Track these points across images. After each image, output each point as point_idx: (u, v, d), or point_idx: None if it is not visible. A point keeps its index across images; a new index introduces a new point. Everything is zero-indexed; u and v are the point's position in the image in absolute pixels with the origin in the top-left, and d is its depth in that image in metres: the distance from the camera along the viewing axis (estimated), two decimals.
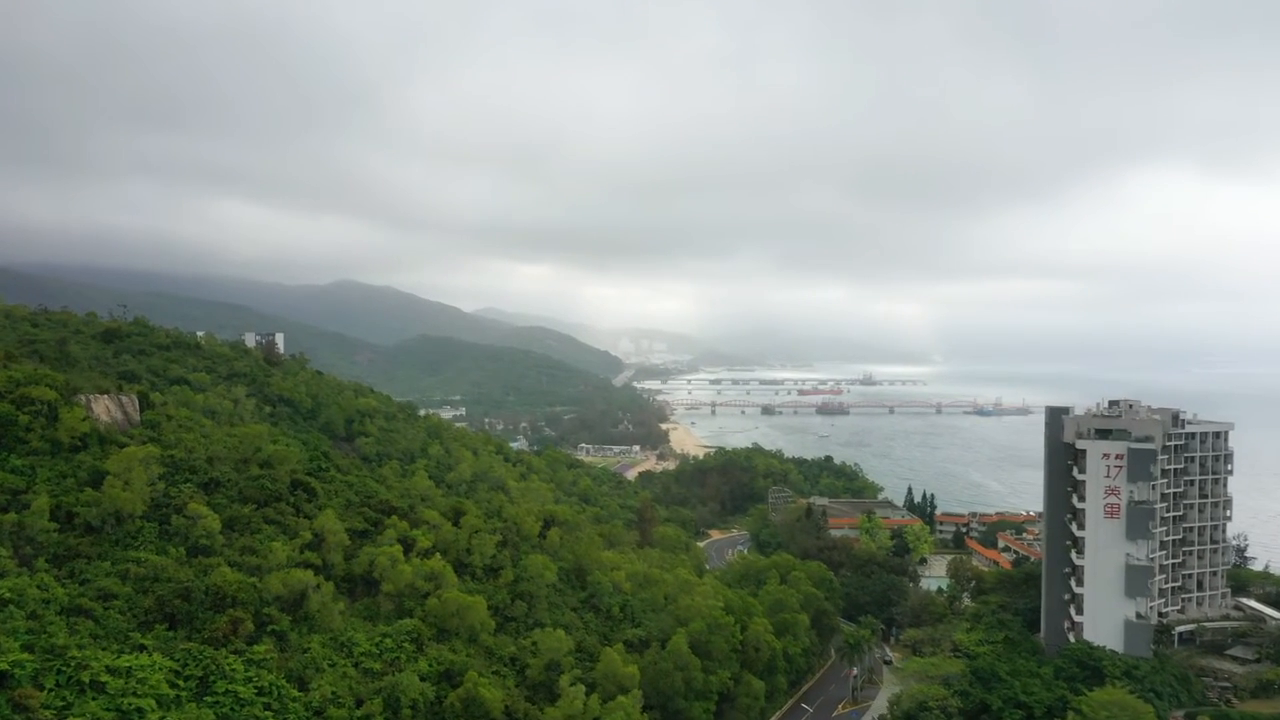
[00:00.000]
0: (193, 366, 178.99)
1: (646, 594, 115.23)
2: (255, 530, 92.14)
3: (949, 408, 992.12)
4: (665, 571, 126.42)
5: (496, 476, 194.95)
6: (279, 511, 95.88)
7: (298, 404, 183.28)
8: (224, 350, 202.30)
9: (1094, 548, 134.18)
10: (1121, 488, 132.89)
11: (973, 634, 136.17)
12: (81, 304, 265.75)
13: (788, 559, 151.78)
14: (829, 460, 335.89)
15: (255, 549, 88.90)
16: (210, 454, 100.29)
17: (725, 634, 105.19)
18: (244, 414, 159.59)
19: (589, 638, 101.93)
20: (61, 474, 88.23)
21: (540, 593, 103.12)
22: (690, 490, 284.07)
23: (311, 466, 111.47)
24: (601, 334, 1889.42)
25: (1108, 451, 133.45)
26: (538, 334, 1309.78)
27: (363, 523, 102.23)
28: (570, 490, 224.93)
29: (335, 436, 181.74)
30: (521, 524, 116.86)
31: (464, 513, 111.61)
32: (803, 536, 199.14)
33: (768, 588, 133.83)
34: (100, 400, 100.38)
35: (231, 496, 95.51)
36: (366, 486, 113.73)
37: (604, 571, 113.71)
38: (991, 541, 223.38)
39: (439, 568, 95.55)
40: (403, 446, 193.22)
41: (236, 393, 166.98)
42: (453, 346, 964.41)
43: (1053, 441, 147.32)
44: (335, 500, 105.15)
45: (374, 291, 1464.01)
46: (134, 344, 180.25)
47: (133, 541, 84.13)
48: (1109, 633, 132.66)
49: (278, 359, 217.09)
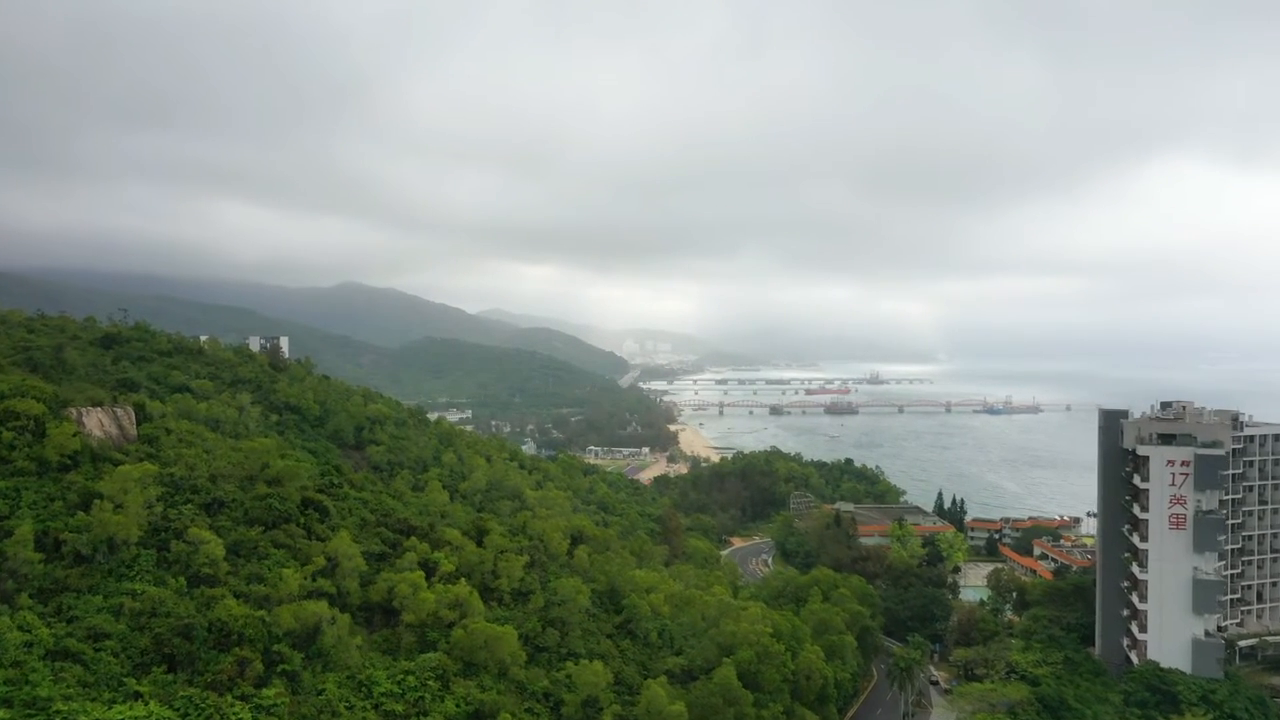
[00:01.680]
0: (195, 373, 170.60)
1: (685, 617, 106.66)
2: (263, 556, 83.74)
3: (958, 406, 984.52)
4: (702, 590, 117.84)
5: (512, 485, 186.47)
6: (289, 534, 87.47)
7: (305, 411, 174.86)
8: (228, 355, 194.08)
9: (1158, 561, 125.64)
10: (1188, 497, 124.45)
11: (1028, 654, 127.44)
12: (81, 308, 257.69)
13: (829, 574, 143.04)
14: (849, 463, 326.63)
15: (263, 577, 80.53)
16: (213, 471, 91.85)
17: (776, 663, 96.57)
18: (249, 423, 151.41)
19: (627, 668, 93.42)
20: (49, 497, 79.83)
21: (574, 619, 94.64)
22: (709, 496, 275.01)
23: (323, 483, 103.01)
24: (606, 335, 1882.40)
25: (1173, 458, 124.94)
26: (543, 335, 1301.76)
27: (380, 544, 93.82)
28: (588, 498, 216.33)
29: (344, 445, 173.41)
30: (549, 541, 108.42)
31: (488, 531, 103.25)
32: (833, 546, 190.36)
33: (811, 606, 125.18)
34: (93, 413, 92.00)
35: (237, 518, 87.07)
36: (382, 503, 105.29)
37: (639, 593, 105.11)
38: (1026, 548, 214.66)
39: (464, 594, 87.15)
40: (414, 455, 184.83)
41: (241, 400, 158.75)
42: (458, 348, 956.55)
43: (1108, 447, 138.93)
44: (349, 520, 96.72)
45: (378, 294, 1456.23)
46: (134, 350, 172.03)
47: (127, 571, 75.72)
48: (1175, 652, 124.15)
49: (283, 364, 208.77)
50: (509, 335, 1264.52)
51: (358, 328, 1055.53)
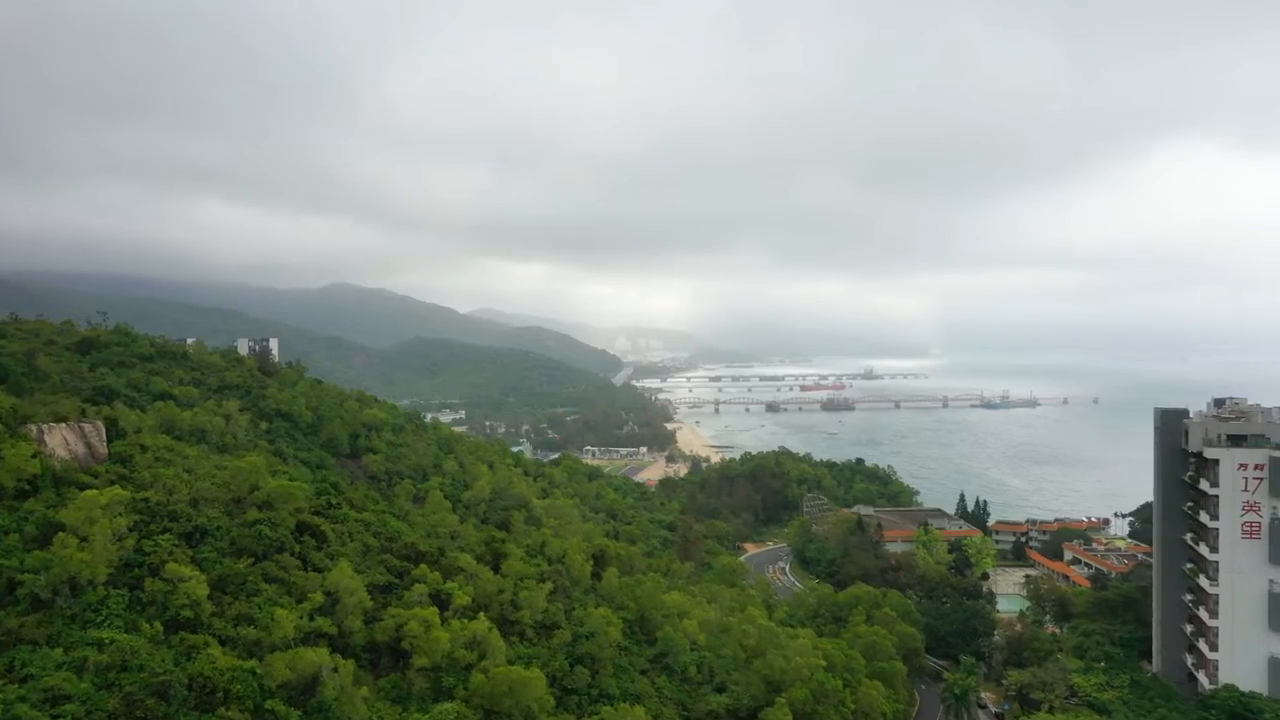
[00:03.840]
0: (179, 379, 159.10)
1: (724, 647, 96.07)
2: (253, 593, 72.68)
3: (955, 401, 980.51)
4: (738, 613, 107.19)
5: (517, 494, 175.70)
6: (282, 566, 76.48)
7: (297, 418, 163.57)
8: (214, 359, 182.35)
9: (1230, 573, 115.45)
10: (1263, 503, 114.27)
11: (1091, 676, 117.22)
12: (61, 311, 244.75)
13: (869, 590, 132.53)
14: (860, 463, 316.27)
15: (253, 618, 69.50)
16: (195, 494, 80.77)
17: (834, 701, 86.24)
18: (237, 432, 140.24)
19: (666, 709, 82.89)
20: (2, 529, 68.86)
21: (605, 654, 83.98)
22: (718, 500, 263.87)
23: (319, 503, 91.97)
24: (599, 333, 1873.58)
25: (1244, 461, 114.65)
26: (535, 334, 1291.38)
27: (385, 574, 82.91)
28: (596, 506, 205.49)
29: (340, 454, 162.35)
30: (571, 564, 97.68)
31: (505, 555, 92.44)
32: (859, 554, 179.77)
33: (855, 628, 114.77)
34: (56, 430, 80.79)
35: (222, 549, 76.01)
36: (386, 525, 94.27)
37: (673, 621, 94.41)
38: (1056, 552, 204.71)
39: (483, 631, 76.43)
40: (413, 463, 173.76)
41: (229, 408, 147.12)
42: (450, 348, 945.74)
43: (1167, 449, 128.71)
44: (350, 546, 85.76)
45: (368, 294, 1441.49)
46: (113, 355, 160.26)
47: (93, 617, 64.65)
48: (1249, 672, 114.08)
49: (273, 367, 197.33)
50: (501, 335, 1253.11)
51: (348, 329, 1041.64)
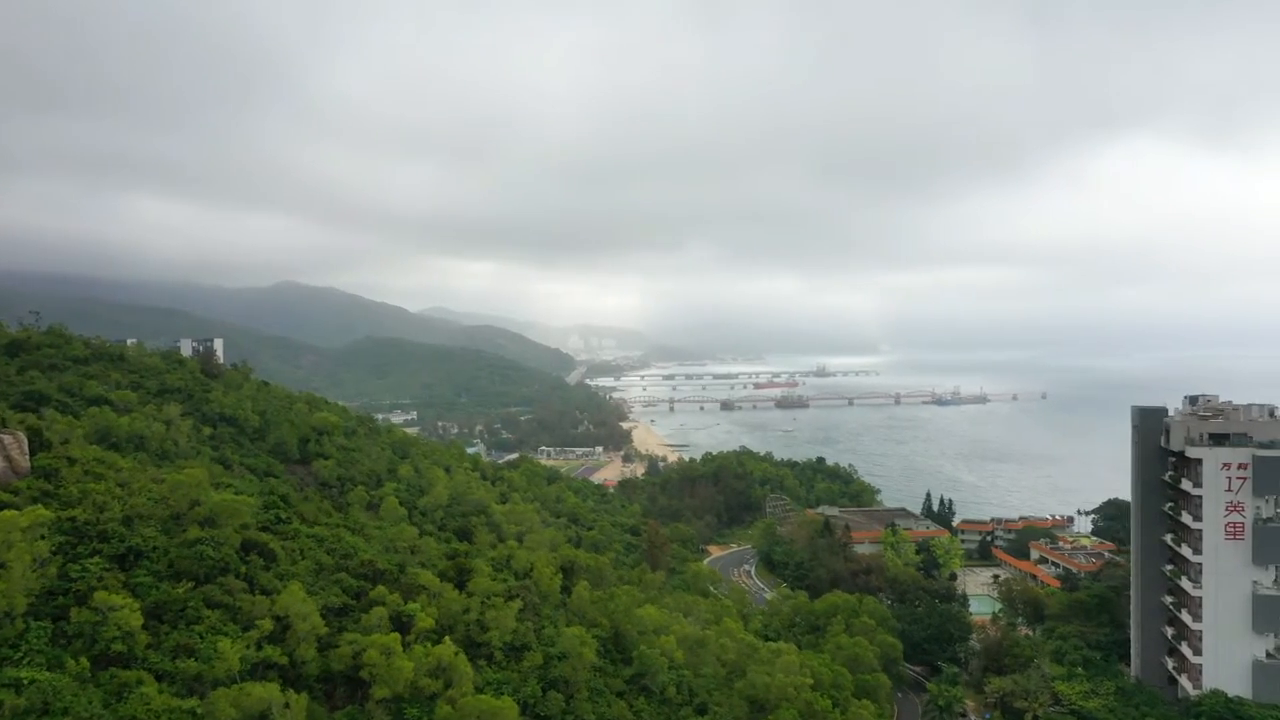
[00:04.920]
0: (116, 382, 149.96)
1: (702, 663, 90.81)
2: (193, 620, 65.67)
3: (907, 398, 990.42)
4: (713, 626, 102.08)
5: (476, 499, 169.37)
6: (226, 589, 69.50)
7: (243, 423, 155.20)
8: (154, 361, 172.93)
9: (1214, 575, 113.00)
10: (1246, 503, 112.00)
11: (1074, 684, 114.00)
12: None
13: (846, 598, 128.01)
14: (822, 462, 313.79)
15: (194, 649, 62.56)
16: (128, 511, 73.43)
17: None
18: (178, 438, 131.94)
19: None
20: None
21: (579, 677, 78.25)
22: (680, 501, 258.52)
23: (267, 518, 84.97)
24: (551, 331, 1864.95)
25: (1228, 460, 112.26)
26: (487, 333, 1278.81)
27: (340, 595, 76.30)
28: (556, 510, 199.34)
29: (289, 460, 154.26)
30: (539, 578, 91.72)
31: (470, 570, 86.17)
32: (828, 557, 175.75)
33: (835, 638, 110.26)
34: None
35: (159, 572, 68.86)
36: (341, 541, 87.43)
37: (649, 638, 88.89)
38: (1022, 551, 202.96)
39: (449, 657, 70.26)
40: (367, 468, 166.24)
41: (169, 413, 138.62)
42: (400, 348, 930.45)
43: (1145, 448, 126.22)
44: (301, 565, 78.87)
45: (316, 293, 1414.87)
46: (44, 357, 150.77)
47: (11, 654, 57.32)
48: (1234, 676, 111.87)
49: (217, 369, 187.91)
50: (453, 334, 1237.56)
51: (296, 328, 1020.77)
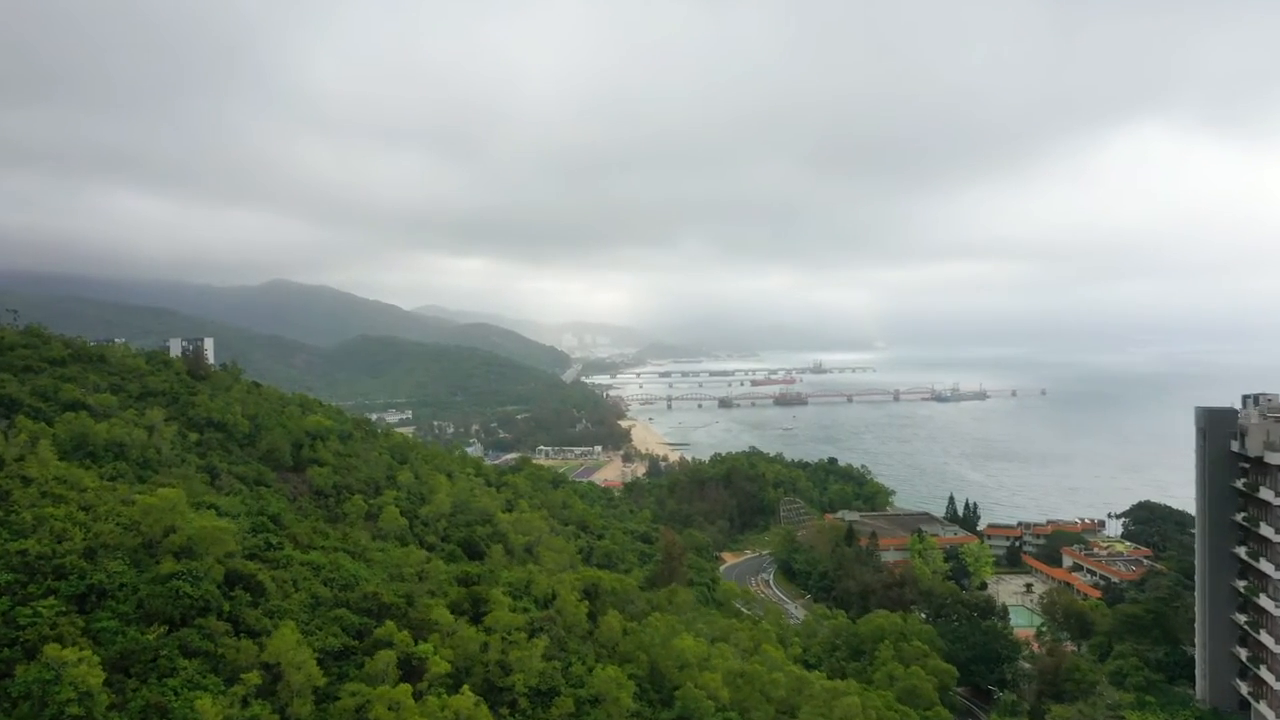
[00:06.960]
0: (95, 385, 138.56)
1: (749, 703, 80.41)
2: (166, 673, 54.94)
3: (907, 395, 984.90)
4: (755, 656, 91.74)
5: (480, 508, 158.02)
6: (206, 633, 58.69)
7: (232, 428, 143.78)
8: (137, 363, 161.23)
9: None
10: None
11: (1148, 714, 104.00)
12: None
13: (891, 618, 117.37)
14: (834, 463, 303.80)
15: (167, 709, 51.80)
16: (92, 541, 62.71)
17: None
18: (161, 445, 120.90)
19: None
20: None
21: None
22: (691, 505, 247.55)
23: (255, 544, 74.29)
24: (545, 329, 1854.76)
25: None
26: (481, 331, 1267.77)
27: (340, 635, 65.57)
28: (564, 517, 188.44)
29: (281, 467, 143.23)
30: (563, 606, 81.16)
31: (487, 601, 75.53)
32: (855, 567, 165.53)
33: (885, 666, 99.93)
34: None
35: (126, 615, 58.05)
36: (340, 568, 76.78)
37: (691, 674, 78.52)
38: (1053, 558, 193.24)
39: (468, 709, 59.59)
40: (364, 475, 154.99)
41: (152, 418, 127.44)
42: (394, 346, 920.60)
43: (1214, 453, 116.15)
44: (295, 599, 68.14)
45: (309, 291, 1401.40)
46: (19, 359, 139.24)
47: None
48: None
49: (205, 370, 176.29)
50: (447, 332, 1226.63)
51: (289, 327, 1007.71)
